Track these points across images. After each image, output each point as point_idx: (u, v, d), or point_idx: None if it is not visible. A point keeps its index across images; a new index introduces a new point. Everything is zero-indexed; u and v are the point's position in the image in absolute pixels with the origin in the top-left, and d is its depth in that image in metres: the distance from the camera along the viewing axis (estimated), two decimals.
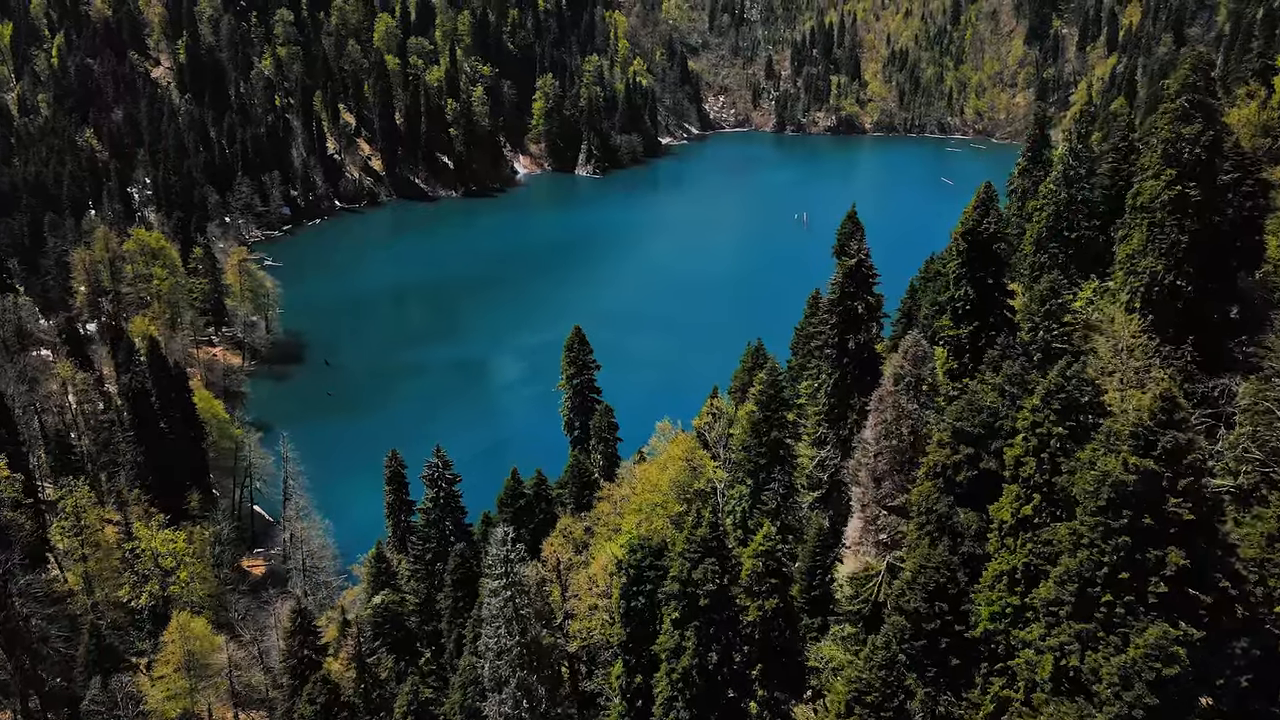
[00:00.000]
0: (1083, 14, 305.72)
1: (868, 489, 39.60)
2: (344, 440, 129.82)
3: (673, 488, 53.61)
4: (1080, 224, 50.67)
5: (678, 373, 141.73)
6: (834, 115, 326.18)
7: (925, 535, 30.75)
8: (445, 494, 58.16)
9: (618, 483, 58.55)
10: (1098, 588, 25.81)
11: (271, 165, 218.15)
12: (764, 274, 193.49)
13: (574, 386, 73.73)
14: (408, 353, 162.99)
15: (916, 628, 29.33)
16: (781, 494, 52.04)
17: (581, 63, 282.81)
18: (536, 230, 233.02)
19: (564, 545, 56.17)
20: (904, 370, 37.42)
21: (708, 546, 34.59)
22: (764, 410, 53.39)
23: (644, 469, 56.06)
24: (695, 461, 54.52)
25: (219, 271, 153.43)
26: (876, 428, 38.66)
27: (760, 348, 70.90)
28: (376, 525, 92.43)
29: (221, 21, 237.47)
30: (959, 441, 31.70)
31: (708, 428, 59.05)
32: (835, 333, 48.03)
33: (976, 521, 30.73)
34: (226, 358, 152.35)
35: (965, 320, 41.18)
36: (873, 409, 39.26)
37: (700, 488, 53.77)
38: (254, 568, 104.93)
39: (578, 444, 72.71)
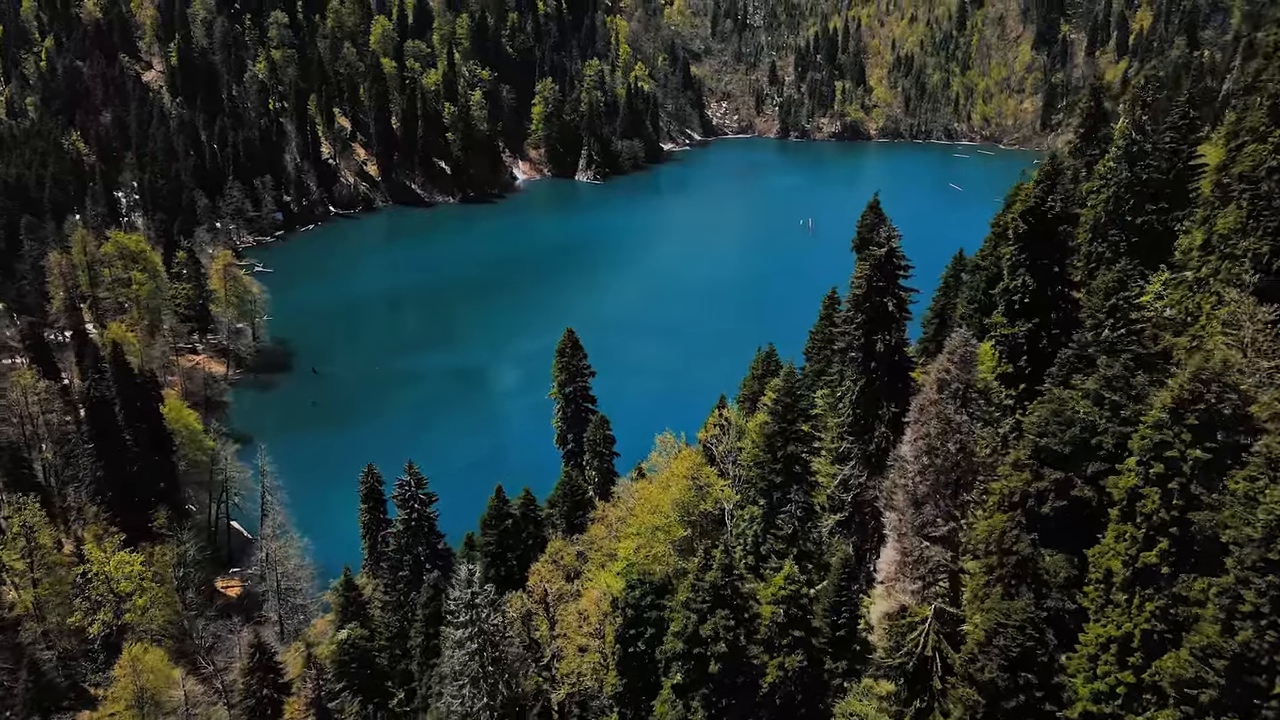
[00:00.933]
0: (1091, 19, 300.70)
1: (905, 515, 33.41)
2: (329, 452, 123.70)
3: (675, 509, 47.35)
4: (1145, 208, 44.53)
5: (681, 381, 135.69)
6: (839, 121, 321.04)
7: (998, 582, 24.59)
8: (418, 516, 51.83)
9: (614, 502, 52.36)
10: (1263, 673, 19.41)
11: (264, 170, 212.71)
12: (769, 280, 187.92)
13: (566, 395, 67.57)
14: (400, 361, 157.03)
15: (993, 704, 23.10)
16: (799, 517, 45.76)
17: (582, 67, 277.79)
18: (536, 235, 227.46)
19: (553, 573, 49.91)
20: (950, 375, 31.34)
21: (719, 595, 28.39)
22: (779, 421, 47.16)
23: (643, 487, 49.83)
24: (701, 479, 48.27)
25: (203, 276, 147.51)
26: (916, 443, 32.54)
27: (772, 353, 64.77)
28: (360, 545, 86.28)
29: (215, 24, 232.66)
30: (1043, 463, 25.56)
31: (714, 441, 52.84)
32: (861, 333, 41.90)
33: (1066, 567, 24.48)
34: (210, 366, 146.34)
35: (1023, 315, 35.05)
36: (912, 421, 33.15)
37: (706, 509, 47.50)
38: (229, 589, 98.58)
39: (571, 458, 66.55)
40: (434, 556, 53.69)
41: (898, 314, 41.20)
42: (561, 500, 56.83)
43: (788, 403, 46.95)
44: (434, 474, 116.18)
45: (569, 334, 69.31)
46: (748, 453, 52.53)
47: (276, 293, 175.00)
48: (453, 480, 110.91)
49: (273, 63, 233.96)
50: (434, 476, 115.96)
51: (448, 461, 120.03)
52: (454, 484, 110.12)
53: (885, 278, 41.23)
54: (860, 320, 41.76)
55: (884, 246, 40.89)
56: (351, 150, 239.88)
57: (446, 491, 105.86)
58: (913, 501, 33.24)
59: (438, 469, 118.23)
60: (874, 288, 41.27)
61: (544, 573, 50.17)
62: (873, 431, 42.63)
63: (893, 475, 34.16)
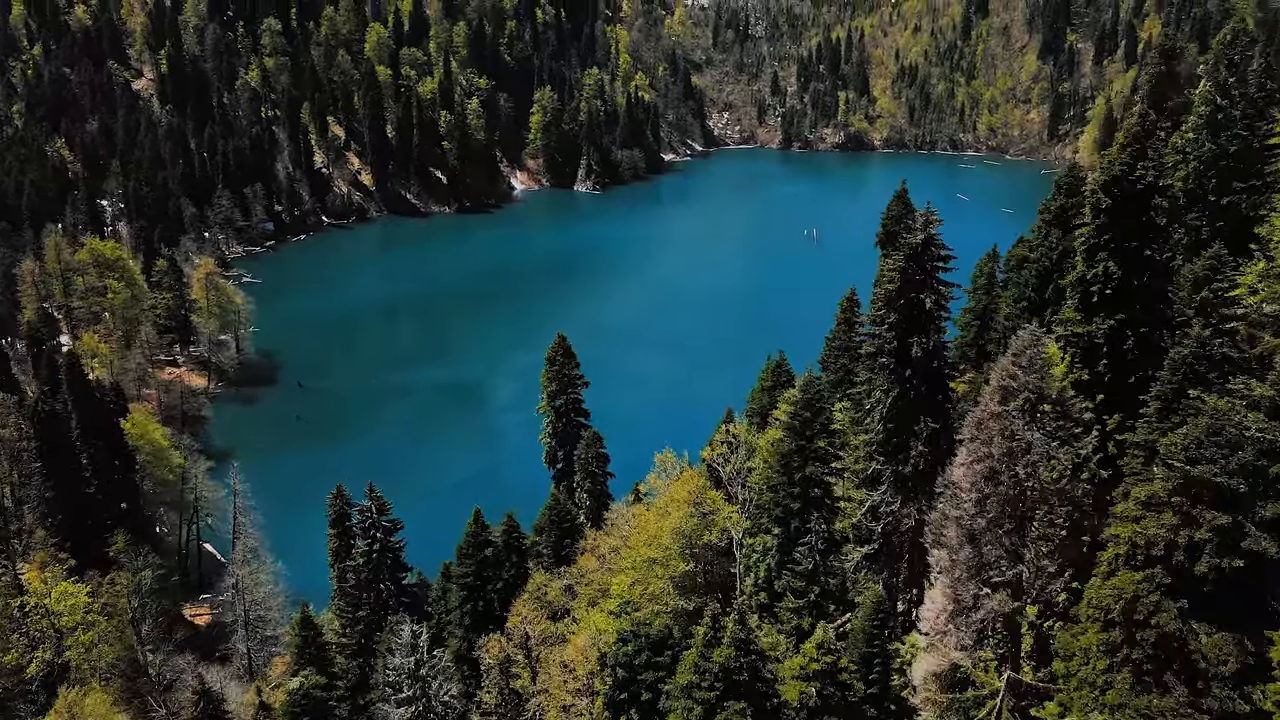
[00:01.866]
0: (1098, 28, 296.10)
1: (957, 554, 27.17)
2: (312, 470, 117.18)
3: (676, 539, 41.00)
4: (1233, 185, 38.43)
5: (683, 395, 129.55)
6: (842, 132, 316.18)
7: (1126, 665, 18.34)
8: (380, 547, 45.36)
9: (606, 530, 46.05)
10: None
11: (254, 178, 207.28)
12: (774, 291, 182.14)
13: (556, 409, 61.34)
14: (392, 374, 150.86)
15: None
16: (820, 549, 39.39)
17: (581, 76, 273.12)
18: (533, 246, 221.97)
19: (536, 612, 43.50)
20: (1018, 383, 25.22)
21: (732, 680, 22.07)
22: (796, 438, 40.91)
23: (640, 514, 43.52)
24: (705, 505, 41.93)
25: (184, 286, 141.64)
26: (974, 466, 26.38)
27: (783, 363, 58.51)
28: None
29: (206, 30, 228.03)
30: (1195, 502, 19.25)
31: (721, 461, 46.53)
32: (893, 336, 35.68)
33: (1236, 652, 18.04)
34: (190, 379, 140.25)
35: (1103, 309, 28.88)
36: (967, 438, 26.99)
37: (712, 540, 41.15)
38: (198, 617, 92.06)
39: (561, 479, 60.27)
40: (400, 593, 47.29)
41: (937, 312, 35.04)
42: (548, 527, 50.53)
43: (806, 417, 40.70)
44: (422, 494, 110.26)
45: (560, 340, 63.17)
46: (759, 474, 46.21)
47: (264, 304, 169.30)
48: (443, 500, 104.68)
49: (265, 70, 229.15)
50: (422, 497, 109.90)
51: (438, 480, 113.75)
52: (444, 504, 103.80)
53: (922, 270, 35.08)
54: (892, 321, 35.59)
55: (921, 233, 34.73)
56: (345, 159, 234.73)
57: (435, 513, 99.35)
58: (967, 537, 26.97)
59: (427, 488, 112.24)
60: (909, 282, 35.11)
61: (526, 612, 43.78)
62: (907, 450, 36.35)
63: (942, 505, 28.00)
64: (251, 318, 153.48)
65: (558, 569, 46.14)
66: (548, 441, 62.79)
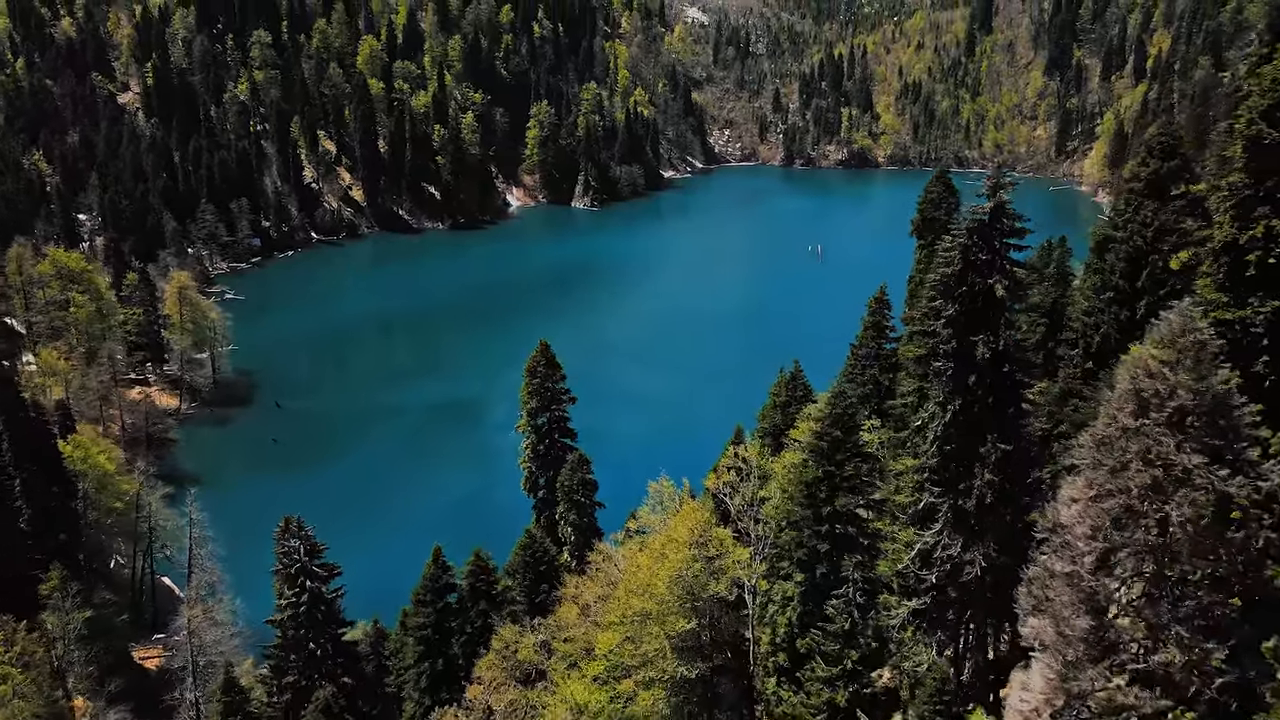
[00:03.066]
0: (1106, 43, 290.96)
1: (1070, 625, 19.30)
2: (284, 497, 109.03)
3: (675, 589, 32.96)
4: None
5: (684, 415, 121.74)
6: (845, 148, 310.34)
7: None
8: (311, 597, 37.13)
9: (591, 574, 38.09)
10: None
11: (241, 193, 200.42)
12: (778, 307, 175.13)
13: (537, 428, 53.45)
14: (378, 394, 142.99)
15: None
16: (859, 603, 31.34)
17: (579, 91, 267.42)
18: (529, 261, 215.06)
19: (504, 674, 35.32)
20: (1166, 385, 17.49)
21: None
22: (823, 462, 33.06)
23: (631, 556, 35.55)
24: (711, 546, 33.91)
25: (157, 301, 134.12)
26: (1096, 504, 18.62)
27: (799, 375, 50.70)
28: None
29: (194, 43, 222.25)
30: None
31: (729, 491, 38.55)
32: (953, 333, 27.86)
33: None
34: (161, 399, 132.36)
35: (1264, 288, 21.21)
36: (1088, 464, 19.20)
37: (719, 592, 33.09)
38: (149, 660, 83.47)
39: (543, 509, 52.27)
40: (337, 653, 39.10)
41: (1009, 302, 27.29)
42: (521, 570, 42.56)
43: (836, 438, 32.84)
44: (403, 522, 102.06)
45: (542, 348, 55.41)
46: (775, 506, 38.24)
47: (246, 321, 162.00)
48: (425, 530, 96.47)
49: (254, 83, 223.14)
50: (401, 526, 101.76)
51: (422, 507, 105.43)
52: (426, 535, 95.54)
53: (990, 247, 27.36)
54: (951, 314, 27.79)
55: (990, 199, 27.06)
56: (336, 174, 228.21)
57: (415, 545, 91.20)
58: (1087, 603, 19.09)
59: (409, 516, 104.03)
60: (972, 264, 27.36)
61: (491, 673, 35.62)
62: (970, 479, 28.42)
63: (1046, 558, 20.17)
64: (229, 334, 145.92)
65: (533, 621, 38.23)
66: (527, 466, 54.83)
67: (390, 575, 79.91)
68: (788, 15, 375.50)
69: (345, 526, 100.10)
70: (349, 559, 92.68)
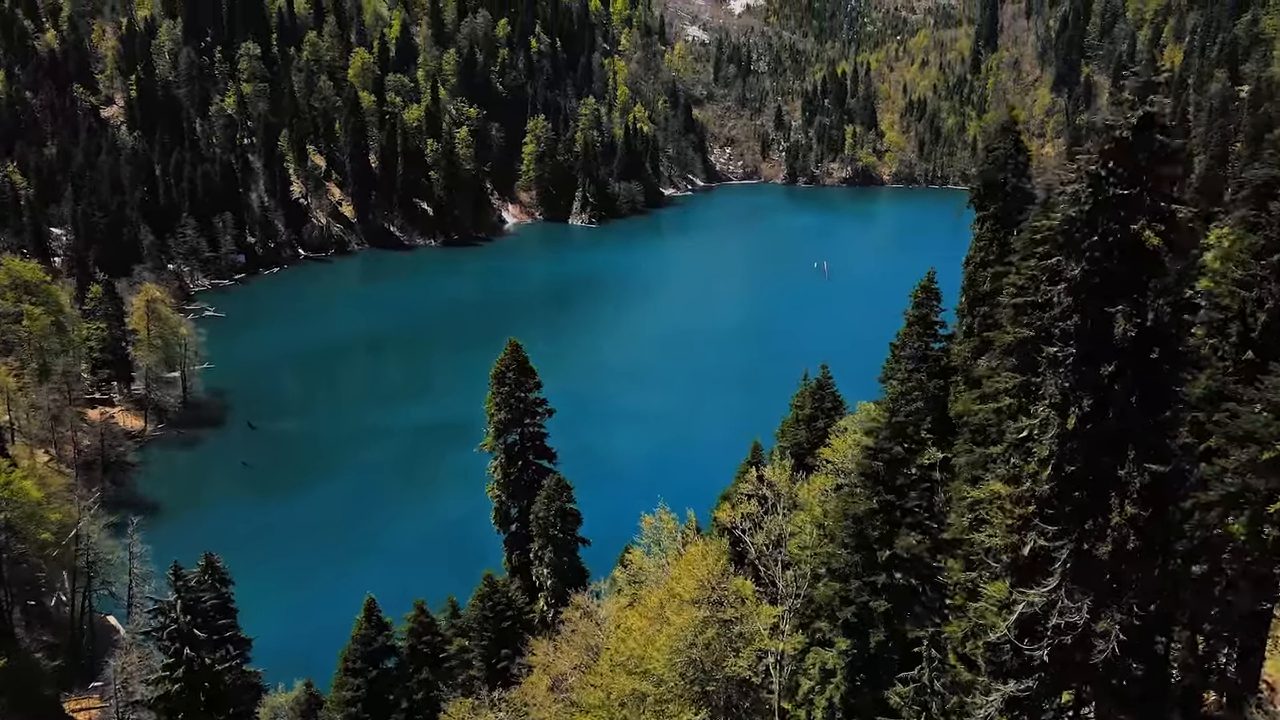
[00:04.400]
0: (1115, 59, 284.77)
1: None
2: (251, 527, 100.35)
3: (677, 664, 23.97)
4: None
5: (687, 434, 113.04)
6: (849, 166, 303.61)
7: None
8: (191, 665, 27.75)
9: (566, 635, 29.15)
10: None
11: (224, 208, 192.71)
12: (785, 325, 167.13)
13: (507, 447, 44.56)
14: (361, 415, 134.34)
15: None
16: (930, 685, 22.33)
17: (577, 106, 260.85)
18: (525, 279, 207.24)
19: None
20: None
21: None
22: (878, 489, 24.27)
23: (619, 615, 26.69)
24: (727, 601, 24.97)
25: (124, 315, 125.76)
26: None
27: (826, 382, 42.03)
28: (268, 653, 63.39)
29: (180, 55, 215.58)
30: None
31: (747, 526, 29.69)
32: (1076, 304, 19.19)
33: None
34: (126, 420, 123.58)
35: None
36: None
37: (739, 671, 24.13)
38: (81, 713, 74.03)
39: (515, 546, 43.30)
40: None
41: (1169, 259, 18.66)
42: (479, 626, 33.63)
43: (897, 455, 24.03)
44: (377, 554, 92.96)
45: (511, 350, 46.75)
46: (808, 546, 29.36)
47: (224, 338, 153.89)
48: (401, 566, 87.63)
49: (242, 96, 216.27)
50: (377, 561, 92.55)
51: (399, 538, 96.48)
52: (402, 571, 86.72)
53: (1137, 179, 18.76)
54: (1077, 276, 19.14)
55: (1134, 111, 18.56)
56: (325, 189, 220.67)
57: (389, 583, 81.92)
58: None
59: (386, 549, 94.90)
60: (1109, 202, 18.74)
61: None
62: (1103, 513, 19.67)
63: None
64: (202, 352, 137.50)
65: (491, 694, 29.34)
66: (496, 494, 45.85)
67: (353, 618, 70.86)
68: (789, 34, 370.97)
69: (311, 561, 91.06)
70: (310, 598, 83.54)
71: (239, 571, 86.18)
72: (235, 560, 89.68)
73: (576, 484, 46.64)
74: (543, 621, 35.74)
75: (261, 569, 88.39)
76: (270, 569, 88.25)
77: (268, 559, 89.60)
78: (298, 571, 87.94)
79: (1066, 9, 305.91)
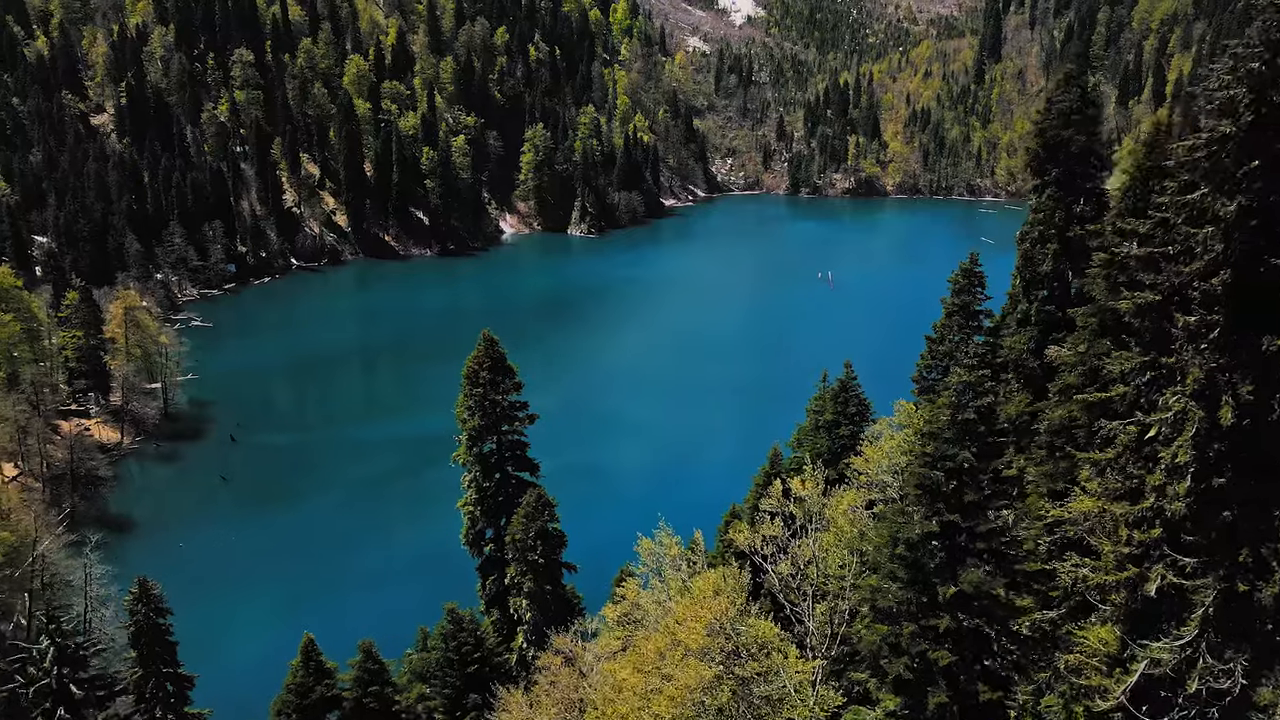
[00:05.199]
0: (1121, 70, 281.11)
1: None
2: (222, 544, 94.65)
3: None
4: None
5: (691, 448, 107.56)
6: (853, 177, 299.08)
7: None
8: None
9: (544, 684, 23.67)
10: None
11: (215, 216, 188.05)
12: (791, 335, 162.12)
13: (482, 457, 39.06)
14: (348, 428, 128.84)
15: None
16: None
17: (577, 114, 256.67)
18: (522, 289, 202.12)
19: None
20: None
21: None
22: (940, 508, 18.86)
23: (608, 666, 21.22)
24: (746, 652, 19.50)
25: (101, 323, 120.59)
26: None
27: (850, 384, 36.68)
28: (229, 685, 57.91)
29: (172, 61, 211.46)
30: None
31: (770, 551, 24.24)
32: (1227, 251, 13.81)
33: None
34: (103, 432, 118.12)
35: None
36: None
37: None
38: None
39: (489, 572, 37.74)
40: None
41: None
42: (441, 671, 28.14)
43: (961, 465, 18.63)
44: (356, 580, 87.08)
45: (486, 344, 41.39)
46: (842, 575, 23.89)
47: (211, 349, 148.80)
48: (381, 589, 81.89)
49: (235, 103, 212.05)
50: (356, 582, 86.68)
51: (383, 560, 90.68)
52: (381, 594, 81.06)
53: None
54: (1232, 214, 13.84)
55: None
56: (319, 198, 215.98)
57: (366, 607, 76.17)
58: None
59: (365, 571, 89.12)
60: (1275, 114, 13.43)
61: None
62: (1268, 543, 14.30)
63: None
64: (185, 361, 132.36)
65: None
66: (469, 510, 40.27)
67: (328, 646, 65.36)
68: (790, 45, 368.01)
69: (284, 585, 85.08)
70: (278, 626, 77.55)
71: (204, 595, 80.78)
72: (202, 583, 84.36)
73: (572, 502, 41.09)
74: (521, 663, 30.35)
75: (230, 594, 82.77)
76: (240, 594, 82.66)
77: (238, 582, 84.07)
78: (269, 597, 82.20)
79: (1071, 19, 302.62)
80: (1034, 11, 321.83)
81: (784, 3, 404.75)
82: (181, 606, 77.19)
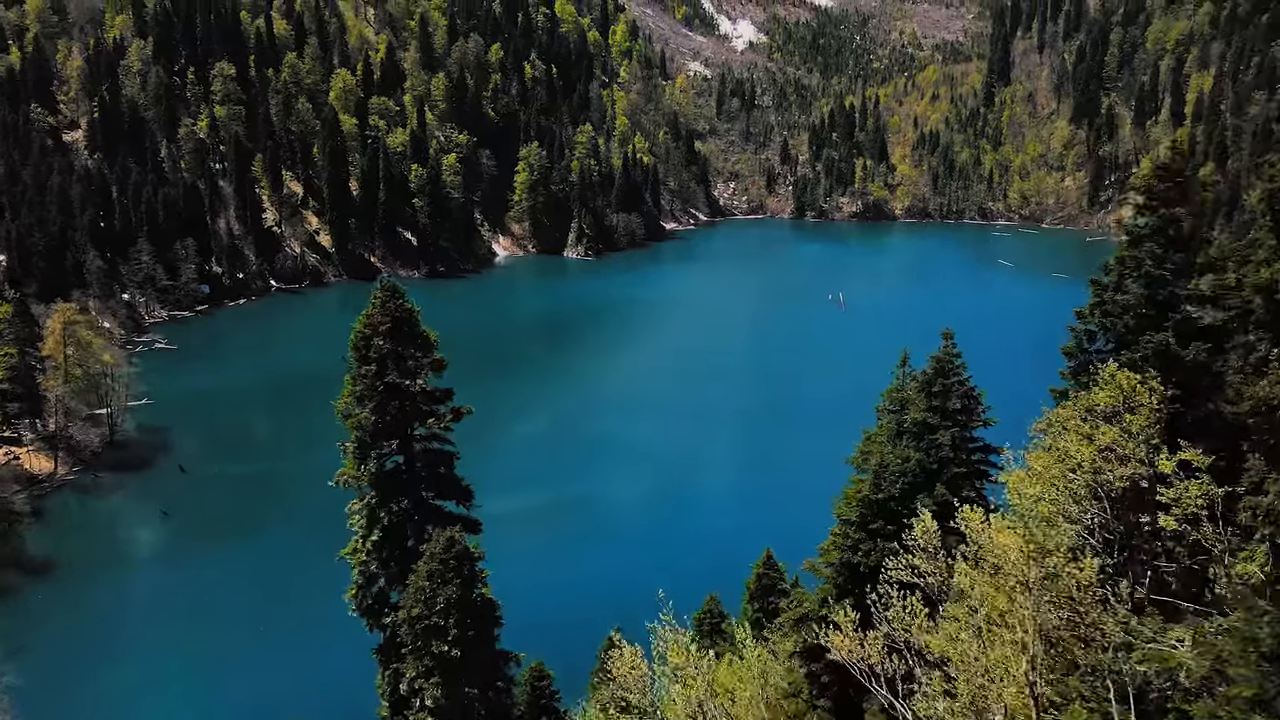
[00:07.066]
0: (1136, 90, 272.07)
1: None
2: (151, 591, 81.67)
3: None
4: None
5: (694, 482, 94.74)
6: (860, 200, 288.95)
7: None
8: None
9: None
10: None
11: (188, 234, 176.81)
12: (804, 361, 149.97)
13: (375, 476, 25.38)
14: (312, 458, 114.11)
15: None
16: None
17: (573, 133, 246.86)
18: (514, 311, 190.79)
19: None
20: None
21: None
22: None
23: None
24: None
25: (38, 339, 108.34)
26: None
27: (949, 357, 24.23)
28: None
29: (149, 74, 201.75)
30: None
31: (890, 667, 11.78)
32: None
33: None
34: (36, 461, 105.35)
35: None
36: None
37: None
38: None
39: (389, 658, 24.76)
40: None
41: None
42: None
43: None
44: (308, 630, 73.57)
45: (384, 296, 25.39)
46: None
47: (170, 373, 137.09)
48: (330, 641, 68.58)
49: (215, 119, 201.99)
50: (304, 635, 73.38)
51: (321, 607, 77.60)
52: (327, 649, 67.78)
53: None
54: None
55: None
56: (301, 217, 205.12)
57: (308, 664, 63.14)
58: None
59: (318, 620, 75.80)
60: None
61: None
62: None
63: None
64: (135, 384, 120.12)
65: None
66: (360, 560, 27.03)
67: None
68: (794, 70, 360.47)
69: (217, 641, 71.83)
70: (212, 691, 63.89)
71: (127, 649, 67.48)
72: (145, 631, 71.17)
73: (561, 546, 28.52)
74: None
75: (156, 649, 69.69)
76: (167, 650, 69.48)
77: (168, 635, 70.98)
78: (197, 654, 68.81)
79: (1083, 41, 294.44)
80: (1043, 35, 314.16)
81: (786, 29, 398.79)
82: (85, 664, 63.46)
